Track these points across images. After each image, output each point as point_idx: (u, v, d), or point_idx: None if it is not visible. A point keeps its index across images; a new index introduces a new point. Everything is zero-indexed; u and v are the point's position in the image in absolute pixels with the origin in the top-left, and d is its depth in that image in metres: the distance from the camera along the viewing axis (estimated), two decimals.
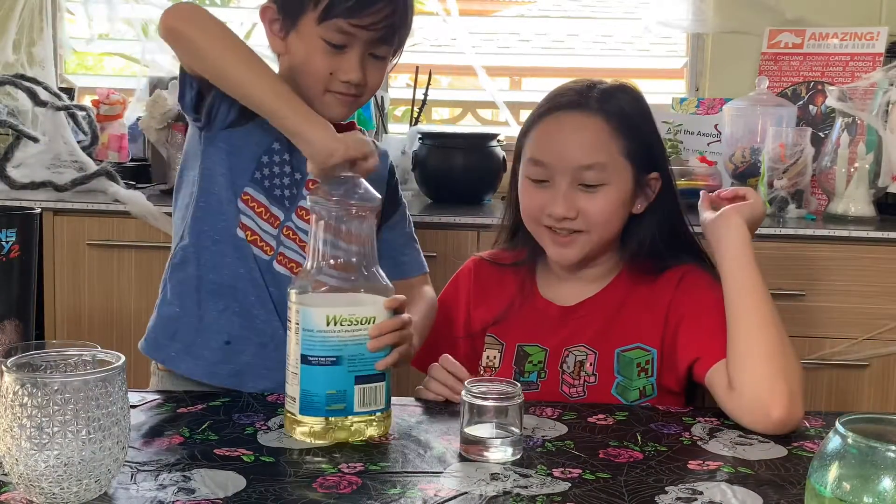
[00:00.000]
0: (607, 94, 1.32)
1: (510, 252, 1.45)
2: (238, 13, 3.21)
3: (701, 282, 1.33)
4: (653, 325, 1.32)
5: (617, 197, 1.30)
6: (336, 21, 1.25)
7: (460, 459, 1.03)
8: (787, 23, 2.71)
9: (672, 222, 1.37)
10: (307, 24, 1.27)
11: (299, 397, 1.07)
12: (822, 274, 2.18)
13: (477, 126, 3.10)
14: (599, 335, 1.34)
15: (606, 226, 1.31)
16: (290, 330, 1.08)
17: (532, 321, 1.38)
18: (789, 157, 2.33)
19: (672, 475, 1.00)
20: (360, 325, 1.08)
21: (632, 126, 1.31)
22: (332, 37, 1.26)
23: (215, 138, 1.33)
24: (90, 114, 2.54)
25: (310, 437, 1.07)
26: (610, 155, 1.29)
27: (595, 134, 1.29)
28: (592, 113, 1.30)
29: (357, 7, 1.24)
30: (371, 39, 1.28)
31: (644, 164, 1.32)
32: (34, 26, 2.75)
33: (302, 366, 1.06)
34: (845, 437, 0.74)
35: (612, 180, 1.29)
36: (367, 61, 1.30)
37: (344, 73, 1.28)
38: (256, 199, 1.34)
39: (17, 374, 0.85)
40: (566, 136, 1.30)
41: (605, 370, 1.32)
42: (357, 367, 1.08)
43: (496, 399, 1.04)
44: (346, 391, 1.07)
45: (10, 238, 1.16)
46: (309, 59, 1.28)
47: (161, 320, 1.39)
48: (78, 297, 2.28)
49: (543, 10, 3.34)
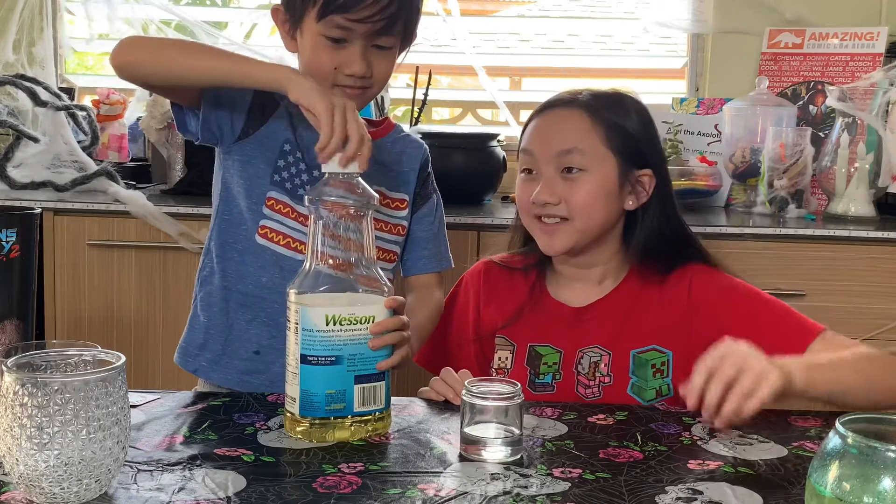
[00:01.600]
0: (598, 96, 1.37)
1: (521, 256, 1.46)
2: (238, 13, 3.20)
3: (716, 279, 1.35)
4: (670, 327, 1.33)
5: (598, 185, 1.32)
6: (332, 17, 1.27)
7: (460, 459, 1.03)
8: (787, 23, 2.71)
9: (671, 222, 1.38)
10: (309, 21, 1.30)
11: (299, 397, 1.07)
12: (822, 274, 2.18)
13: (477, 126, 3.10)
14: (613, 336, 1.35)
15: (589, 213, 1.33)
16: (289, 330, 1.08)
17: (543, 322, 1.39)
18: (789, 157, 2.33)
19: (672, 475, 1.00)
20: (359, 325, 1.07)
21: (615, 122, 1.34)
22: (330, 32, 1.29)
23: (231, 151, 1.37)
24: (90, 114, 2.54)
25: (309, 437, 1.07)
26: (589, 142, 1.33)
27: (576, 123, 1.34)
28: (578, 108, 1.35)
29: (350, 2, 1.26)
30: (370, 32, 1.29)
31: (631, 159, 1.34)
32: (34, 26, 2.75)
33: (301, 366, 1.06)
34: (845, 437, 0.74)
35: (592, 167, 1.32)
36: (372, 52, 1.31)
37: (347, 66, 1.30)
38: (281, 201, 1.36)
39: (17, 374, 0.85)
40: (550, 125, 1.37)
41: (619, 371, 1.33)
42: (357, 367, 1.08)
43: (496, 399, 1.04)
44: (345, 391, 1.07)
45: (10, 238, 1.16)
46: (314, 55, 1.31)
47: (192, 332, 1.43)
48: (78, 297, 2.29)
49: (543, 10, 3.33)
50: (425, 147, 1.50)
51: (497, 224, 2.22)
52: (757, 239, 2.19)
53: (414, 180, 1.47)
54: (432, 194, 1.51)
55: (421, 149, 1.49)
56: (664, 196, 1.37)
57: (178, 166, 2.55)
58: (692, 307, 1.33)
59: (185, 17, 2.86)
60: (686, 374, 1.29)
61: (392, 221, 1.44)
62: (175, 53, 1.26)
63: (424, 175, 1.50)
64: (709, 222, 2.23)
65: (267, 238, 1.35)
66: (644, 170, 1.35)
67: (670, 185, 1.39)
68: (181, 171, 2.54)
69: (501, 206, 2.49)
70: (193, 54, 1.27)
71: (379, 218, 1.40)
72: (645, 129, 1.37)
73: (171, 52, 1.27)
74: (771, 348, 1.26)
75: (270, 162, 1.35)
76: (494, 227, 2.22)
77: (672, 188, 1.40)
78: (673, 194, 1.40)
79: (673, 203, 1.39)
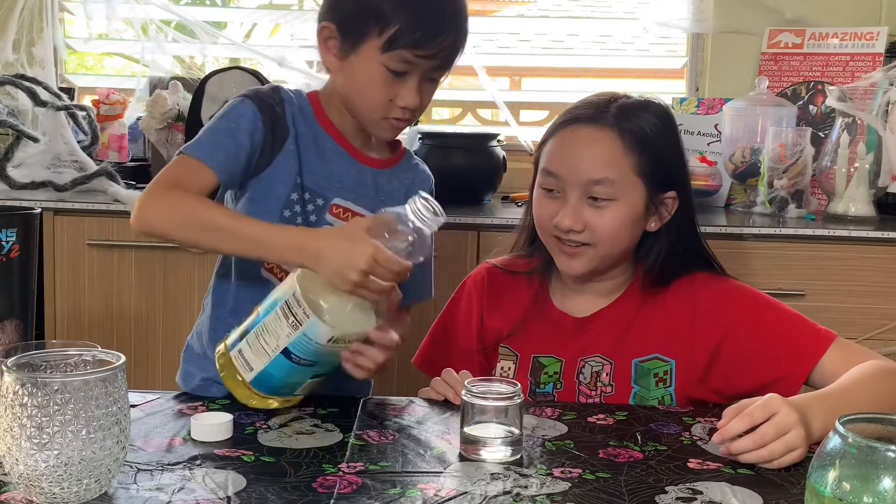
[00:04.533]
0: (626, 110, 1.29)
1: (525, 259, 1.43)
2: (238, 13, 3.20)
3: (727, 286, 1.33)
4: (673, 336, 1.31)
5: (626, 214, 1.28)
6: (400, 51, 1.24)
7: (460, 459, 1.03)
8: (787, 23, 2.71)
9: (688, 240, 1.35)
10: (369, 50, 1.25)
11: (259, 373, 1.13)
12: (822, 274, 2.18)
13: (477, 126, 3.10)
14: (615, 345, 1.33)
15: (613, 241, 1.29)
16: (284, 317, 1.10)
17: (547, 332, 1.37)
18: (789, 157, 2.33)
19: (672, 475, 1.00)
20: (350, 343, 1.14)
21: (648, 145, 1.28)
22: (395, 66, 1.25)
23: (245, 187, 1.32)
24: (90, 114, 2.54)
25: (246, 400, 1.15)
26: (620, 171, 1.27)
27: (607, 149, 1.27)
28: (608, 127, 1.28)
29: (423, 39, 1.24)
30: (432, 67, 1.28)
31: (659, 183, 1.30)
32: (34, 26, 2.75)
33: (279, 355, 1.11)
34: (845, 437, 0.74)
35: (622, 197, 1.27)
36: (423, 84, 1.29)
37: (402, 99, 1.27)
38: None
39: (17, 374, 0.85)
40: (579, 149, 1.29)
41: (621, 380, 1.31)
42: (323, 369, 1.15)
43: (496, 399, 1.04)
44: (300, 383, 1.16)
45: (10, 238, 1.16)
46: (369, 85, 1.27)
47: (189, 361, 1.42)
48: (78, 297, 2.28)
49: (543, 10, 3.34)
50: (432, 179, 1.47)
51: (497, 224, 2.22)
52: (757, 239, 2.19)
53: None
54: None
55: (428, 181, 1.45)
56: (686, 217, 1.34)
57: None
58: (697, 314, 1.31)
59: (185, 17, 2.86)
60: (689, 383, 1.29)
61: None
62: (195, 236, 1.21)
63: None
64: (709, 222, 2.23)
65: (272, 272, 1.33)
66: (669, 192, 1.31)
67: (692, 205, 1.35)
68: None
69: (501, 206, 2.49)
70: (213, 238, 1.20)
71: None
72: (674, 148, 1.33)
73: (190, 234, 1.21)
74: (781, 356, 1.26)
75: (280, 198, 1.31)
76: (494, 227, 2.22)
77: (694, 207, 1.35)
78: (695, 215, 1.36)
79: (694, 224, 1.35)
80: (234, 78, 2.48)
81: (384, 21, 1.23)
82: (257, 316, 1.14)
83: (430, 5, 1.27)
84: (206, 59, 2.94)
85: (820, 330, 1.28)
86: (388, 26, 1.23)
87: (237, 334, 1.16)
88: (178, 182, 1.22)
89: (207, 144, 1.25)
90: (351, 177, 1.34)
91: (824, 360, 1.24)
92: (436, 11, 1.27)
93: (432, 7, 1.27)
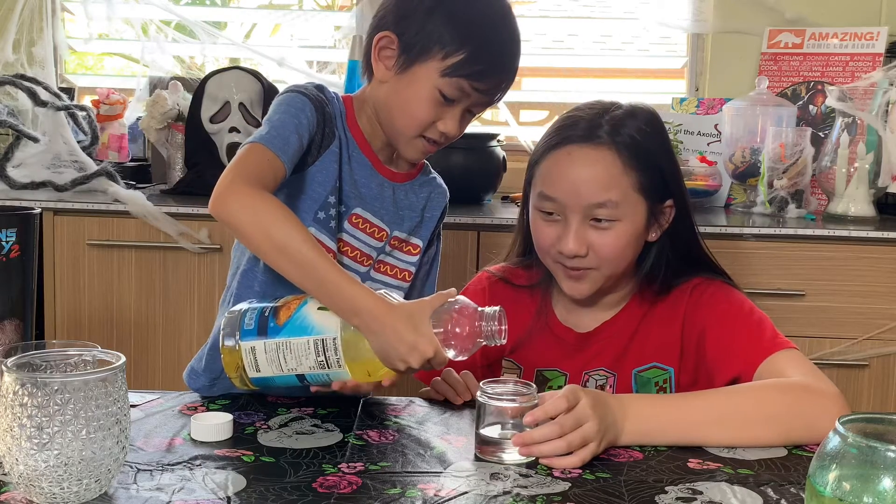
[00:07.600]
0: (618, 122, 1.25)
1: (523, 270, 1.40)
2: (238, 13, 3.20)
3: (711, 289, 1.31)
4: (668, 344, 1.31)
5: (630, 232, 1.26)
6: (459, 80, 1.23)
7: (461, 459, 1.03)
8: (787, 23, 2.71)
9: (687, 245, 1.34)
10: (428, 70, 1.24)
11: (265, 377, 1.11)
12: (822, 274, 2.18)
13: (477, 126, 3.09)
14: (617, 357, 1.32)
15: (618, 261, 1.28)
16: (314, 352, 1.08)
17: (550, 346, 1.36)
18: (789, 157, 2.33)
19: (672, 475, 1.00)
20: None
21: (644, 157, 1.25)
22: (449, 91, 1.24)
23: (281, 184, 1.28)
24: (90, 114, 2.54)
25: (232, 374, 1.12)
26: (622, 191, 1.24)
27: (606, 170, 1.24)
28: (604, 146, 1.24)
29: (484, 73, 1.24)
30: (480, 102, 1.28)
31: (658, 194, 1.28)
32: (34, 26, 2.75)
33: (294, 376, 1.10)
34: (845, 437, 0.74)
35: (625, 216, 1.25)
36: (464, 114, 1.29)
37: (444, 124, 1.27)
38: (319, 240, 1.27)
39: (17, 374, 0.85)
40: (577, 171, 1.25)
41: (624, 391, 1.31)
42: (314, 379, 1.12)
43: (512, 400, 1.04)
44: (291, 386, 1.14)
45: (10, 238, 1.16)
46: (417, 102, 1.26)
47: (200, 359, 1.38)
48: (78, 297, 2.29)
49: (543, 10, 3.33)
50: (448, 194, 1.45)
51: (497, 224, 2.22)
52: (757, 239, 2.19)
53: (432, 228, 1.41)
54: (437, 242, 1.46)
55: (444, 196, 1.44)
56: (685, 222, 1.32)
57: (178, 166, 2.55)
58: (684, 320, 1.30)
59: (185, 17, 2.86)
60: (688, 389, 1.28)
61: (401, 266, 1.38)
62: (268, 249, 1.13)
63: (440, 223, 1.45)
64: (709, 222, 2.23)
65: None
66: (667, 201, 1.30)
67: (690, 210, 1.33)
68: (181, 171, 2.54)
69: (501, 205, 2.49)
70: (283, 261, 1.12)
71: (389, 262, 1.36)
72: (668, 155, 1.31)
73: (266, 245, 1.13)
74: (739, 354, 1.24)
75: (318, 199, 1.29)
76: (494, 227, 2.22)
77: (692, 212, 1.33)
78: (693, 219, 1.34)
79: (692, 228, 1.34)
80: (233, 78, 2.47)
81: (452, 46, 1.22)
82: (284, 322, 1.10)
83: (500, 44, 1.26)
84: (206, 59, 2.94)
85: (778, 336, 1.25)
86: (454, 53, 1.22)
87: (254, 324, 1.10)
88: (261, 176, 1.17)
89: (279, 138, 1.21)
90: (371, 189, 1.33)
91: (768, 364, 1.21)
92: (503, 51, 1.26)
93: (501, 46, 1.26)
